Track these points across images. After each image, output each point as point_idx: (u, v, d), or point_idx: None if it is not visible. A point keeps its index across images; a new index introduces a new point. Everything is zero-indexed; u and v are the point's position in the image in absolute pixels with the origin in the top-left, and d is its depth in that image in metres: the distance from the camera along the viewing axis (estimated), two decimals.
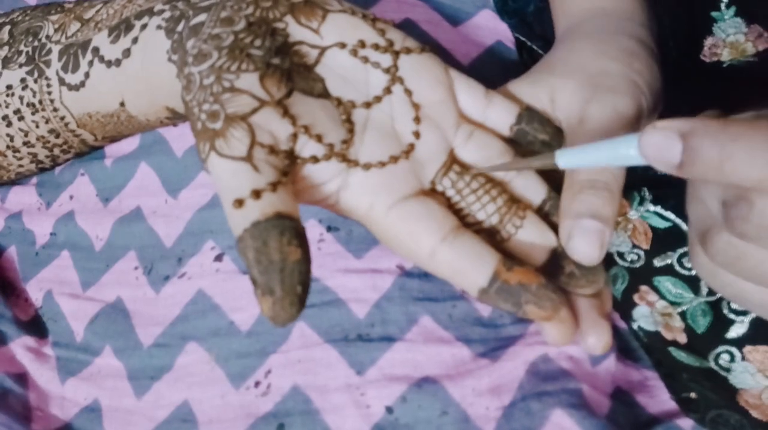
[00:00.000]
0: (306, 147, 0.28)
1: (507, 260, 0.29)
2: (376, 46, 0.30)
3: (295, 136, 0.28)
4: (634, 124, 0.32)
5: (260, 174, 0.26)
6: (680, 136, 0.22)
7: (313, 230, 0.35)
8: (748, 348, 0.34)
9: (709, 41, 0.43)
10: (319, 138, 0.28)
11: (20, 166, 0.40)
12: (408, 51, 0.31)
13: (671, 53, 0.43)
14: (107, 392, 0.35)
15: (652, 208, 0.39)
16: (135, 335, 0.35)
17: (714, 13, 0.44)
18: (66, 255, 0.39)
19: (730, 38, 0.41)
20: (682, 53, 0.43)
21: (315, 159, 0.28)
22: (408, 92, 0.31)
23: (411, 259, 0.29)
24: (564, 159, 0.27)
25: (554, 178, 0.33)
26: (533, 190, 0.32)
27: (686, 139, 0.22)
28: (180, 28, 0.30)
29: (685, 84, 0.41)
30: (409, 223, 0.29)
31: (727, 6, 0.43)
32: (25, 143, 0.38)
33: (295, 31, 0.30)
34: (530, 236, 0.30)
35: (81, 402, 0.36)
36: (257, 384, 0.33)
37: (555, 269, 0.30)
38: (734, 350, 0.35)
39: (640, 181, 0.40)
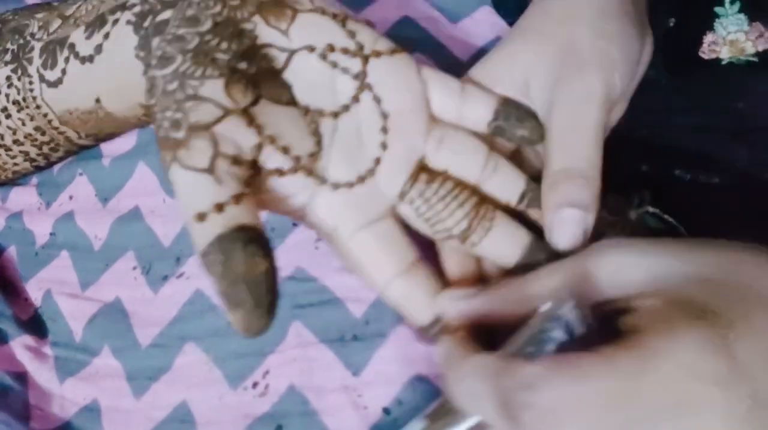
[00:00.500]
0: (271, 158, 0.28)
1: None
2: (345, 50, 0.30)
3: (259, 146, 0.27)
4: (605, 103, 0.31)
5: (223, 187, 0.25)
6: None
7: (311, 231, 0.35)
8: None
9: (708, 38, 0.42)
10: (285, 150, 0.28)
11: (15, 164, 0.40)
12: (378, 54, 0.30)
13: (669, 47, 0.43)
14: (106, 392, 0.35)
15: (651, 210, 0.39)
16: (133, 335, 0.36)
17: (717, 8, 0.43)
18: (65, 255, 0.39)
19: (730, 36, 0.41)
20: (680, 48, 0.43)
21: (280, 172, 0.28)
22: (377, 100, 0.30)
23: (366, 282, 0.31)
24: None
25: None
26: (510, 185, 0.32)
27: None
28: (147, 23, 0.29)
29: (681, 80, 0.41)
30: (371, 252, 0.30)
31: (732, 1, 0.43)
32: (15, 142, 0.38)
33: (264, 32, 0.29)
34: (501, 237, 0.31)
35: (80, 402, 0.36)
36: (255, 385, 0.33)
37: (532, 263, 0.31)
38: None
39: (639, 183, 0.39)
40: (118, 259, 0.37)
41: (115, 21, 0.31)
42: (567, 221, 0.30)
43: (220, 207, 0.25)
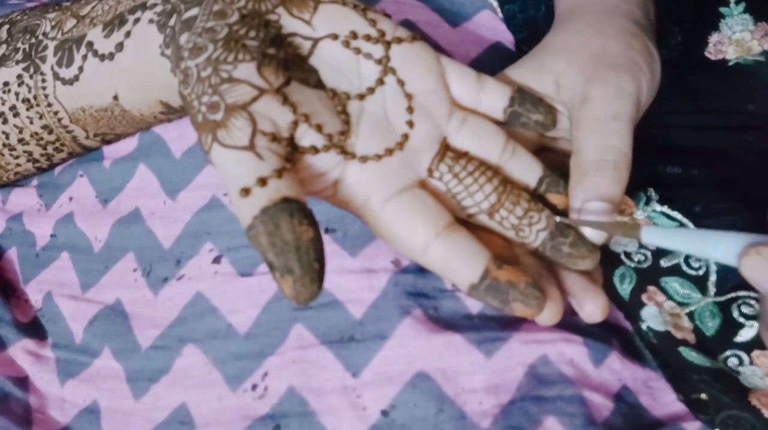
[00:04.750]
0: (305, 136, 0.28)
1: (497, 258, 0.29)
2: (367, 37, 0.31)
3: (295, 123, 0.28)
4: (636, 101, 0.32)
5: (264, 162, 0.26)
6: None
7: None
8: (756, 352, 0.33)
9: (714, 38, 0.42)
10: (319, 128, 0.29)
11: (17, 165, 0.40)
12: (399, 41, 0.31)
13: (676, 48, 0.42)
14: (106, 393, 0.35)
15: (658, 208, 0.38)
16: (133, 337, 0.36)
17: (722, 9, 0.43)
18: (66, 257, 0.39)
19: (735, 35, 0.41)
20: (686, 49, 0.42)
21: (314, 149, 0.29)
22: (401, 82, 0.31)
23: (404, 252, 0.30)
24: (649, 236, 0.28)
25: (548, 159, 0.34)
26: (528, 170, 0.33)
27: None
28: (172, 22, 0.30)
29: (689, 81, 0.40)
30: (404, 217, 0.29)
31: (737, 2, 0.42)
32: (20, 140, 0.38)
33: (288, 22, 0.30)
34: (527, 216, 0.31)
35: (80, 404, 0.36)
36: (254, 387, 0.33)
37: (553, 246, 0.31)
38: (742, 354, 0.34)
39: (647, 181, 0.39)
40: (119, 260, 0.37)
41: (137, 20, 0.32)
42: (596, 213, 0.30)
43: (263, 181, 0.25)
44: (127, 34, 0.33)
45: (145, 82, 0.33)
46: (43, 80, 0.36)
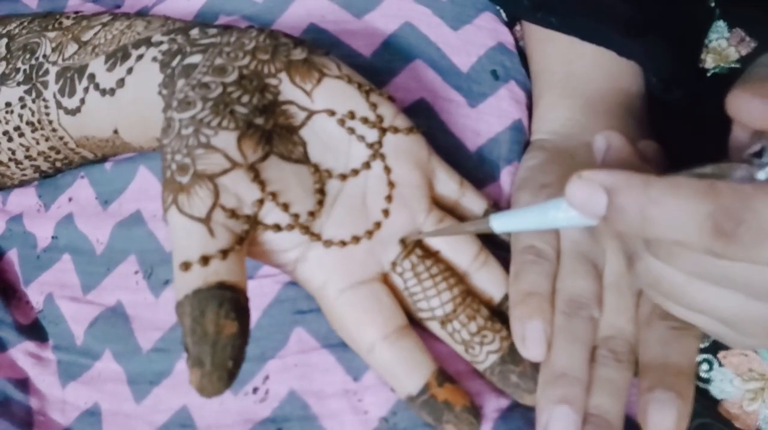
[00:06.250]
0: (271, 213, 0.29)
1: (441, 373, 0.30)
2: (365, 120, 0.31)
3: (261, 202, 0.28)
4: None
5: (214, 239, 0.26)
6: (605, 190, 0.22)
7: None
8: (722, 353, 0.34)
9: None
10: (285, 207, 0.29)
11: (24, 175, 0.40)
12: (396, 130, 0.31)
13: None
14: (107, 396, 0.35)
15: None
16: (134, 340, 0.36)
17: None
18: (67, 258, 0.39)
19: (712, 44, 0.41)
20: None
21: (277, 227, 0.29)
22: (387, 169, 0.31)
23: (350, 345, 0.31)
24: (498, 223, 0.28)
25: None
26: (495, 284, 0.33)
27: (610, 194, 0.22)
28: (175, 63, 0.30)
29: (673, 93, 0.41)
30: (356, 312, 0.30)
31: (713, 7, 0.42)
32: (27, 157, 0.38)
33: (287, 89, 0.30)
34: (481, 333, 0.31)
35: (81, 406, 0.36)
36: (255, 390, 0.33)
37: (501, 372, 0.31)
38: (710, 357, 0.34)
39: None
40: (120, 263, 0.37)
41: (140, 56, 0.32)
42: (534, 331, 0.30)
43: (205, 260, 0.25)
44: (129, 70, 0.32)
45: (144, 120, 0.32)
46: (46, 107, 0.35)
